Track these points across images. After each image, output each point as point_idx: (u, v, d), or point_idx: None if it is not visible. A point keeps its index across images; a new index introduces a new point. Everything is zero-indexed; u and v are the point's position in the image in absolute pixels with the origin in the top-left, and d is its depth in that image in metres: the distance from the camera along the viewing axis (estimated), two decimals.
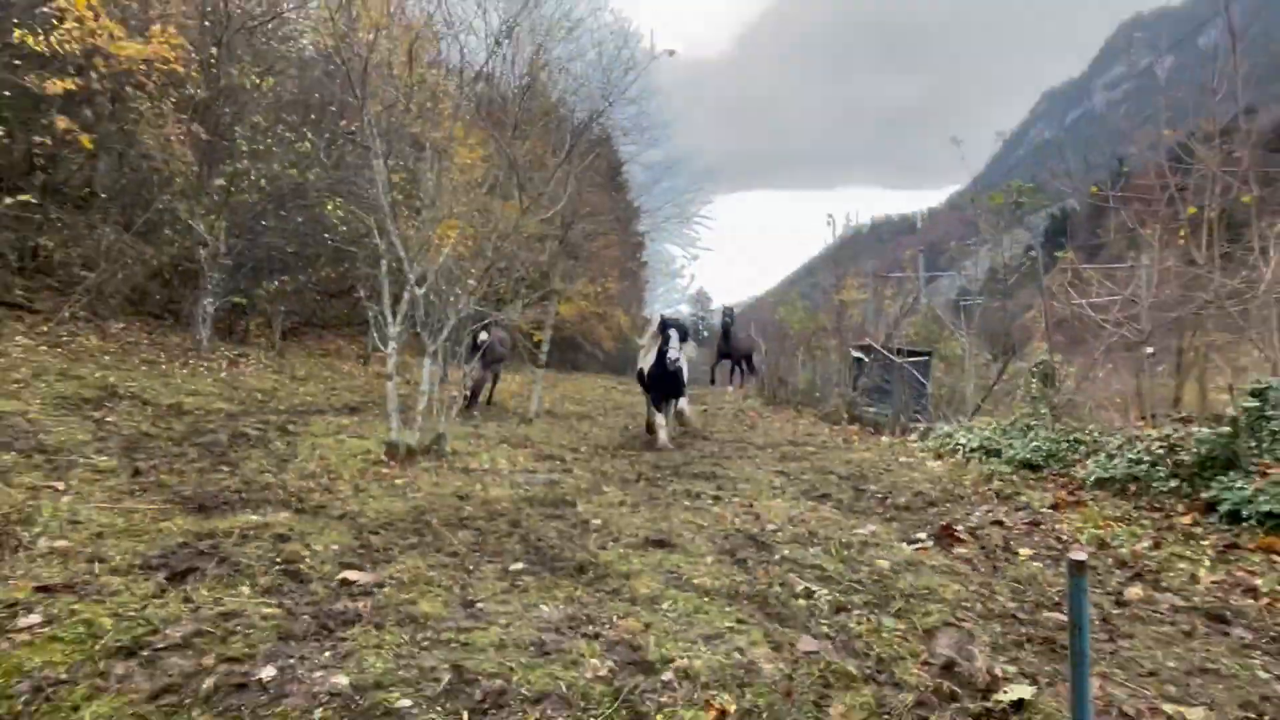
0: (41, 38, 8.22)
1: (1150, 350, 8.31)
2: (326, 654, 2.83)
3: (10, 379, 6.93)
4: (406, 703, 2.52)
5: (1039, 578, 4.15)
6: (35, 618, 2.89)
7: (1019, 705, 2.65)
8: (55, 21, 8.47)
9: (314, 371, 12.84)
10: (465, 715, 2.48)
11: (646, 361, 9.85)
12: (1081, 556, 2.13)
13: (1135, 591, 3.97)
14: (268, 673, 2.64)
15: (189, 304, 12.12)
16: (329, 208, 12.56)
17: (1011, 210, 13.35)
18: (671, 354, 9.10)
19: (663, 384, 9.55)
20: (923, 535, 4.97)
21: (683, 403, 9.77)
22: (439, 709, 2.51)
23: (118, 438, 6.13)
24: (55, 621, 2.88)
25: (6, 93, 9.49)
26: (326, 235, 13.30)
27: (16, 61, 8.54)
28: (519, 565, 4.07)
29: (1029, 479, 7.00)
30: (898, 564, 4.24)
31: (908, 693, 2.76)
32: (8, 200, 9.76)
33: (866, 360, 13.46)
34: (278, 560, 3.83)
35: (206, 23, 12.25)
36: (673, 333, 9.20)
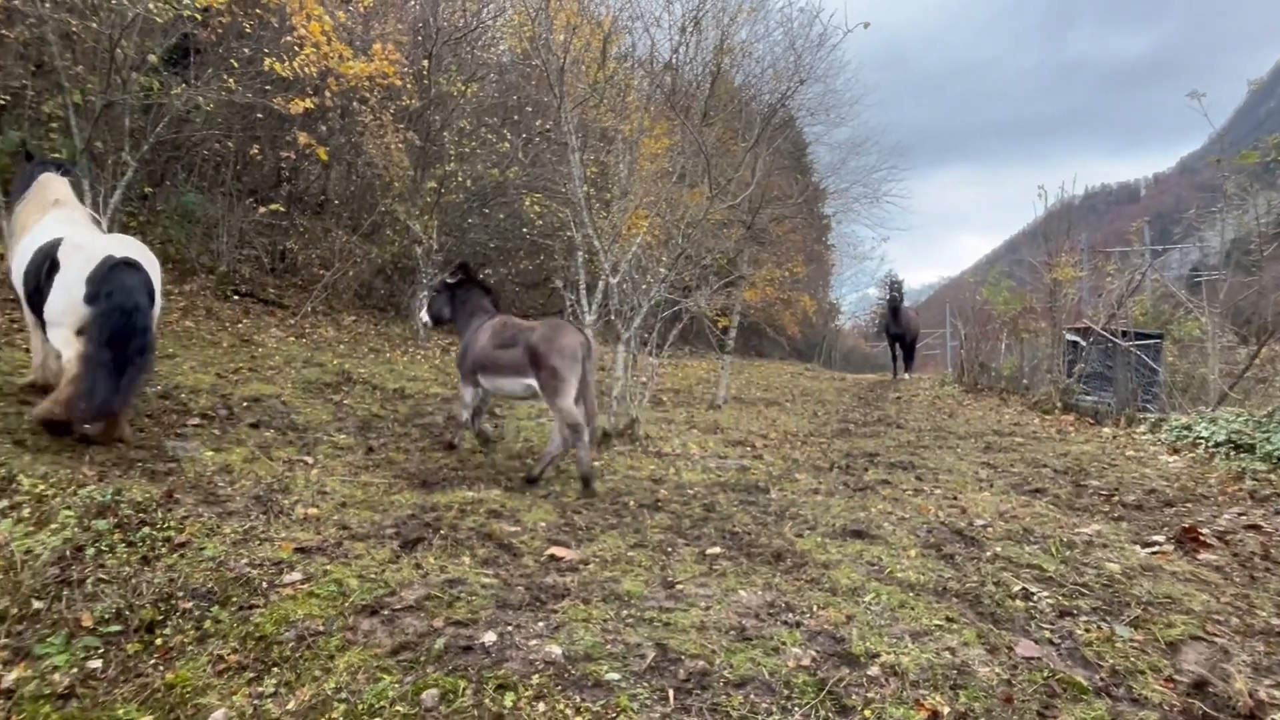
0: (286, 64, 9.30)
1: None
2: (540, 624, 3.00)
3: (267, 366, 7.93)
4: (615, 676, 2.62)
5: None
6: (297, 575, 3.30)
7: None
8: (296, 48, 9.54)
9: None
10: (671, 694, 2.54)
11: None
12: None
13: None
14: (489, 638, 2.85)
15: (407, 297, 13.29)
16: (527, 203, 13.29)
17: (1266, 170, 11.60)
18: None
19: None
20: (1160, 538, 4.47)
21: None
22: (645, 685, 2.59)
23: (353, 418, 6.84)
24: (312, 579, 3.27)
25: (259, 115, 10.84)
26: (524, 230, 14.07)
27: (267, 87, 9.71)
28: (716, 549, 4.11)
29: None
30: (1130, 568, 3.84)
31: (1149, 710, 2.50)
32: (262, 210, 11.16)
33: (1083, 344, 12.26)
34: (492, 534, 4.11)
35: (419, 37, 13.33)
36: None
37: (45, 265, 4.80)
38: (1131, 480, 6.14)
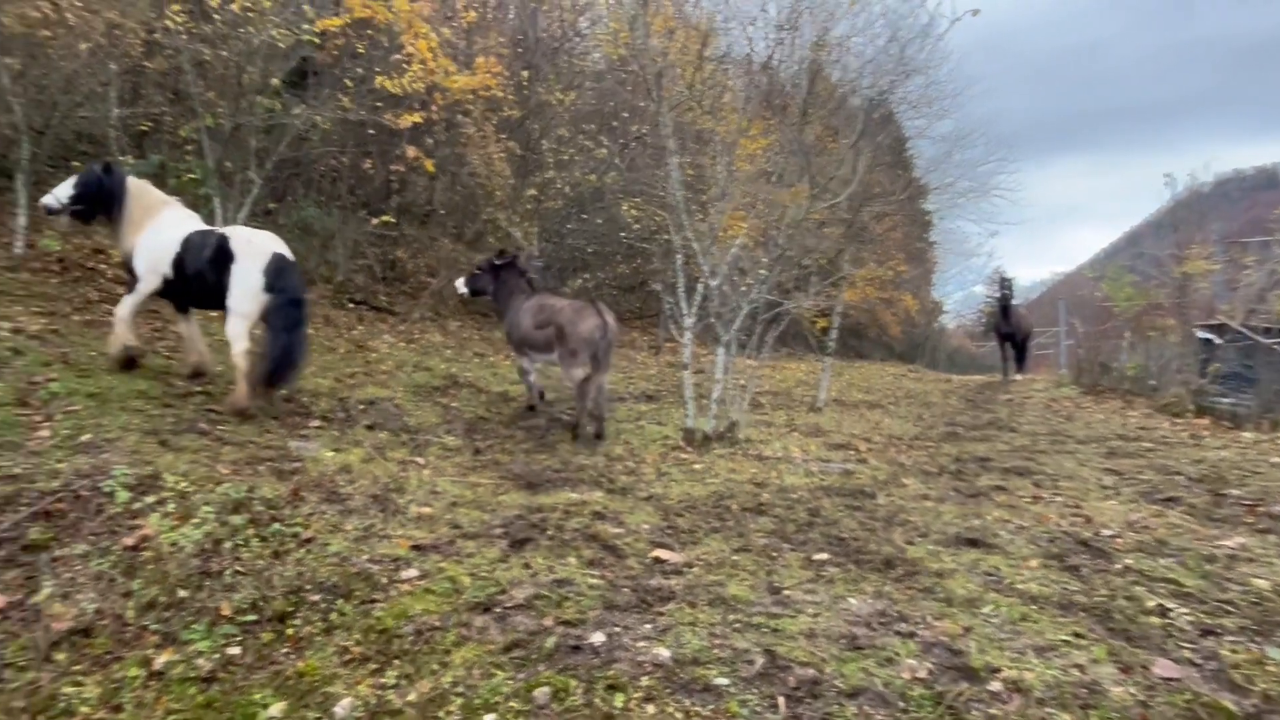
0: (396, 81, 9.72)
1: None
2: (647, 626, 3.02)
3: (380, 370, 8.29)
4: (724, 681, 2.61)
5: None
6: (413, 571, 3.43)
7: None
8: (405, 66, 9.96)
9: (613, 362, 13.79)
10: (781, 701, 2.50)
11: None
12: None
13: None
14: (598, 638, 2.89)
15: None
16: (624, 208, 13.43)
17: None
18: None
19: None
20: None
21: None
22: (755, 691, 2.56)
23: (461, 421, 7.07)
24: (428, 576, 3.39)
25: (371, 131, 11.36)
26: (622, 234, 14.21)
27: (378, 104, 10.17)
28: (822, 555, 4.03)
29: None
30: None
31: None
32: (374, 221, 11.69)
33: (1219, 341, 11.39)
34: (597, 535, 4.16)
35: (518, 49, 13.68)
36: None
37: (212, 255, 5.58)
38: (1279, 489, 5.66)
